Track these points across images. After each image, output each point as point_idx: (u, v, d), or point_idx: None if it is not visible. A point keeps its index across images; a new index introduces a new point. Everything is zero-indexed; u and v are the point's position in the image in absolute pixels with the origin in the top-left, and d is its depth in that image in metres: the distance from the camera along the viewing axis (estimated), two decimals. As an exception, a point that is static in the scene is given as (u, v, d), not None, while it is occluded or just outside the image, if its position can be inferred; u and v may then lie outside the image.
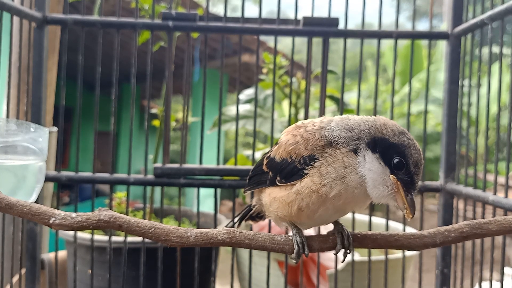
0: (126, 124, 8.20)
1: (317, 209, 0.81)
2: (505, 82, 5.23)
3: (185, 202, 6.84)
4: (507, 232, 0.79)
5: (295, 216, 0.84)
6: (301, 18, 1.57)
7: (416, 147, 0.77)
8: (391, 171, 0.76)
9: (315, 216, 0.83)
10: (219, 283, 2.98)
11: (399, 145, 0.76)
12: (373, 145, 0.77)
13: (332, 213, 0.83)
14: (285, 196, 0.83)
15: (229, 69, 6.55)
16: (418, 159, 0.76)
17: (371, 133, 0.78)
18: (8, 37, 1.47)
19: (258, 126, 2.68)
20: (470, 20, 1.47)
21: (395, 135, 0.77)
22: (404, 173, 0.76)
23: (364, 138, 0.78)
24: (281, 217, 0.87)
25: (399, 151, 0.76)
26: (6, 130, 0.95)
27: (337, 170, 0.77)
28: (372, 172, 0.76)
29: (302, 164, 0.80)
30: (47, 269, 1.75)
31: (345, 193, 0.78)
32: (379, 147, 0.77)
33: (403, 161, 0.75)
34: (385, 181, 0.76)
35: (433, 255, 1.62)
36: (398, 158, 0.75)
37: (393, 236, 0.84)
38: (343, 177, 0.77)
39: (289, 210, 0.83)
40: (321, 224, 0.90)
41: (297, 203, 0.81)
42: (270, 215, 0.92)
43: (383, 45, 10.19)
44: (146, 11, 1.92)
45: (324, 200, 0.79)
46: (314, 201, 0.79)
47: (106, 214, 0.74)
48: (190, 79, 1.59)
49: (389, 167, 0.76)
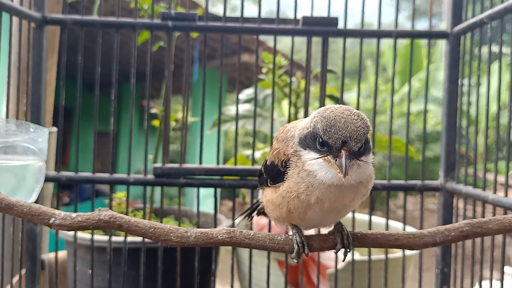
0: (125, 124, 8.20)
1: (305, 212, 0.81)
2: (504, 81, 5.22)
3: (185, 202, 6.84)
4: (507, 231, 0.79)
5: (287, 218, 0.85)
6: (301, 18, 1.57)
7: (326, 116, 0.75)
8: (320, 154, 0.76)
9: (306, 218, 0.83)
10: (219, 283, 2.98)
11: (311, 130, 0.77)
12: (302, 144, 0.79)
13: (325, 216, 0.83)
14: (275, 198, 0.85)
15: (229, 69, 6.56)
16: (329, 125, 0.74)
17: (299, 135, 0.81)
18: (7, 38, 1.47)
19: (258, 126, 2.68)
20: (469, 19, 1.47)
21: (318, 120, 0.77)
22: (327, 147, 0.75)
23: (297, 141, 0.81)
24: (276, 218, 0.88)
25: (313, 134, 0.77)
26: (6, 130, 0.95)
27: (304, 180, 0.78)
28: (312, 166, 0.77)
29: (284, 168, 0.82)
30: (47, 269, 1.75)
31: (325, 196, 0.78)
32: (304, 142, 0.79)
33: (318, 138, 0.75)
34: (321, 165, 0.76)
35: (433, 254, 1.62)
36: (316, 140, 0.76)
37: (393, 235, 0.84)
38: (311, 184, 0.77)
39: (280, 211, 0.84)
40: (320, 226, 0.90)
41: (285, 205, 0.82)
42: (269, 215, 0.94)
43: (383, 44, 10.20)
44: (146, 11, 1.92)
45: (307, 206, 0.80)
46: (298, 205, 0.80)
47: (106, 214, 0.74)
48: (189, 79, 1.59)
49: (317, 152, 0.77)
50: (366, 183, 0.81)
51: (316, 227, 0.92)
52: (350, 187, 0.78)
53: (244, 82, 7.13)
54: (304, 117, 1.60)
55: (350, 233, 0.84)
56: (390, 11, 3.48)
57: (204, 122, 1.59)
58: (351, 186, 0.78)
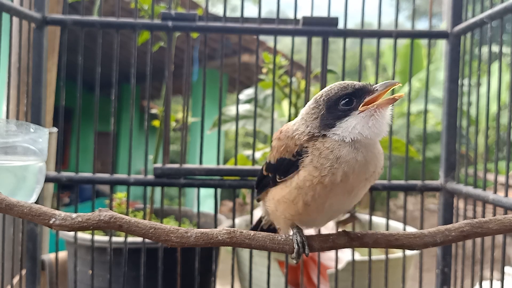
0: (126, 124, 8.20)
1: (325, 200, 0.81)
2: (504, 81, 5.22)
3: (185, 202, 6.84)
4: (507, 231, 0.79)
5: (304, 213, 0.83)
6: (301, 18, 1.57)
7: (331, 85, 0.85)
8: (349, 110, 0.81)
9: (325, 207, 0.82)
10: (219, 283, 2.98)
11: (325, 105, 0.83)
12: (322, 126, 0.83)
13: (345, 200, 0.83)
14: (287, 194, 0.83)
15: (229, 69, 6.56)
16: (342, 84, 0.83)
17: (319, 107, 0.84)
18: (7, 38, 1.47)
19: (258, 126, 2.68)
20: (469, 19, 1.47)
21: (327, 94, 0.84)
22: (350, 99, 0.81)
23: (318, 115, 0.84)
24: (290, 218, 0.86)
25: (335, 97, 0.82)
26: (6, 131, 0.95)
27: (328, 157, 0.79)
28: (348, 122, 0.80)
29: (295, 157, 0.82)
30: (48, 269, 1.75)
31: (350, 168, 0.79)
32: (329, 109, 0.83)
33: (341, 97, 0.81)
34: (358, 118, 0.80)
35: (434, 254, 1.62)
36: (339, 101, 0.82)
37: (394, 235, 0.84)
38: (337, 158, 0.79)
39: (295, 208, 0.83)
40: (334, 217, 0.89)
41: (301, 198, 0.81)
42: (278, 221, 0.91)
43: (383, 44, 10.20)
44: (146, 11, 1.92)
45: (331, 189, 0.79)
46: (320, 193, 0.80)
47: (106, 215, 0.74)
48: (189, 79, 1.59)
49: (344, 109, 0.82)
50: (380, 157, 0.85)
51: (330, 220, 0.91)
52: (372, 156, 0.81)
53: (244, 82, 7.14)
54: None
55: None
56: (390, 11, 3.48)
57: (204, 122, 1.59)
58: (373, 156, 0.81)
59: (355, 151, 0.80)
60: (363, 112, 0.80)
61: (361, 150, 0.80)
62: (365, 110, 0.80)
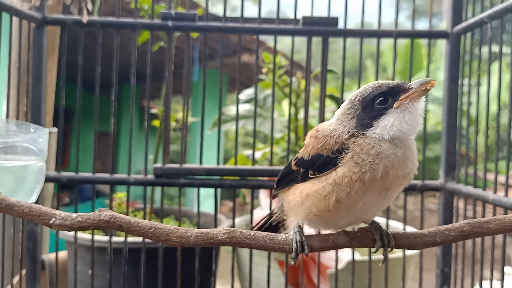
0: (126, 124, 8.19)
1: (360, 198, 0.81)
2: (504, 81, 5.22)
3: (185, 202, 6.84)
4: (507, 231, 0.79)
5: (333, 210, 0.83)
6: (301, 18, 1.57)
7: (366, 86, 0.87)
8: (385, 108, 0.83)
9: (358, 206, 0.82)
10: (219, 283, 2.98)
11: (361, 105, 0.85)
12: (359, 126, 0.84)
13: (378, 200, 0.83)
14: (320, 189, 0.83)
15: (229, 69, 6.55)
16: (376, 84, 0.86)
17: (355, 107, 0.86)
18: (7, 38, 1.47)
19: (258, 126, 2.68)
20: (469, 19, 1.47)
21: (362, 94, 0.86)
22: (386, 98, 0.83)
23: (355, 115, 0.85)
24: (315, 214, 0.85)
25: (370, 96, 0.85)
26: (6, 130, 0.95)
27: (369, 153, 0.80)
28: (385, 120, 0.82)
29: (335, 154, 0.83)
30: (48, 269, 1.75)
31: (391, 164, 0.80)
32: (365, 109, 0.85)
33: (376, 96, 0.84)
34: (395, 115, 0.82)
35: (434, 254, 1.62)
36: (374, 101, 0.84)
37: (394, 235, 0.84)
38: (378, 154, 0.80)
39: (325, 203, 0.82)
40: (359, 219, 0.88)
41: (334, 194, 0.81)
42: (296, 215, 0.90)
43: (383, 44, 10.19)
44: (146, 11, 1.92)
45: (369, 187, 0.80)
46: (357, 190, 0.80)
47: (106, 215, 0.74)
48: (189, 79, 1.59)
49: (380, 108, 0.84)
50: (416, 155, 0.86)
51: (355, 222, 0.90)
52: (410, 153, 0.83)
53: (244, 82, 7.13)
54: (305, 117, 1.61)
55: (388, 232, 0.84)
56: (390, 11, 3.48)
57: (204, 122, 1.59)
58: (410, 153, 0.83)
59: (394, 147, 0.81)
60: (399, 108, 0.82)
61: (400, 146, 0.82)
62: (400, 106, 0.82)
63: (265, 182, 1.59)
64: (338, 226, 0.89)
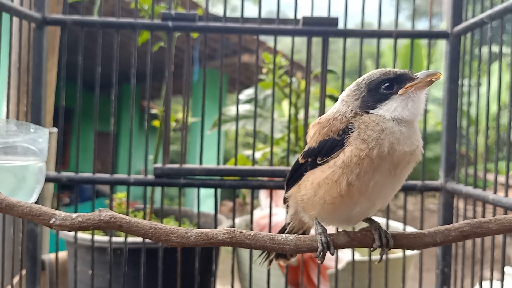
0: (126, 124, 8.19)
1: (371, 179, 0.81)
2: (504, 81, 5.23)
3: (185, 202, 6.84)
4: (507, 231, 0.79)
5: (346, 194, 0.82)
6: (301, 18, 1.57)
7: (373, 71, 0.90)
8: (390, 94, 0.86)
9: (370, 188, 0.82)
10: (219, 283, 2.98)
11: (367, 88, 0.88)
12: (364, 106, 0.87)
13: (389, 180, 0.83)
14: (330, 174, 0.83)
15: (229, 69, 6.56)
16: (384, 70, 0.88)
17: (361, 89, 0.88)
18: (7, 38, 1.47)
19: (258, 126, 2.68)
20: (469, 19, 1.47)
21: (369, 78, 0.89)
22: (391, 84, 0.86)
23: (360, 96, 0.88)
24: (330, 202, 0.84)
25: (377, 81, 0.87)
26: (6, 131, 0.95)
27: (374, 129, 0.82)
28: (388, 105, 0.85)
29: (341, 136, 0.84)
30: (48, 269, 1.75)
31: (396, 139, 0.81)
32: (370, 92, 0.87)
33: (383, 81, 0.86)
34: (398, 101, 0.85)
35: (434, 254, 1.62)
36: (381, 85, 0.86)
37: (394, 235, 0.84)
38: (383, 130, 0.81)
39: (337, 188, 0.82)
40: (373, 205, 0.88)
41: (345, 177, 0.81)
42: (314, 209, 0.88)
43: (383, 44, 10.19)
44: (146, 11, 1.92)
45: (378, 164, 0.80)
46: (366, 169, 0.80)
47: (106, 215, 0.74)
48: (190, 79, 1.59)
49: (385, 93, 0.86)
50: (420, 135, 0.88)
51: (369, 207, 0.88)
52: (414, 131, 0.85)
53: (244, 82, 7.13)
54: (305, 117, 1.61)
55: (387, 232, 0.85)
56: (390, 11, 3.48)
57: (204, 123, 1.59)
58: (414, 131, 0.85)
59: (398, 125, 0.84)
60: (403, 95, 0.85)
61: (404, 125, 0.84)
62: (404, 93, 0.85)
63: (265, 182, 1.59)
64: (353, 218, 0.88)
